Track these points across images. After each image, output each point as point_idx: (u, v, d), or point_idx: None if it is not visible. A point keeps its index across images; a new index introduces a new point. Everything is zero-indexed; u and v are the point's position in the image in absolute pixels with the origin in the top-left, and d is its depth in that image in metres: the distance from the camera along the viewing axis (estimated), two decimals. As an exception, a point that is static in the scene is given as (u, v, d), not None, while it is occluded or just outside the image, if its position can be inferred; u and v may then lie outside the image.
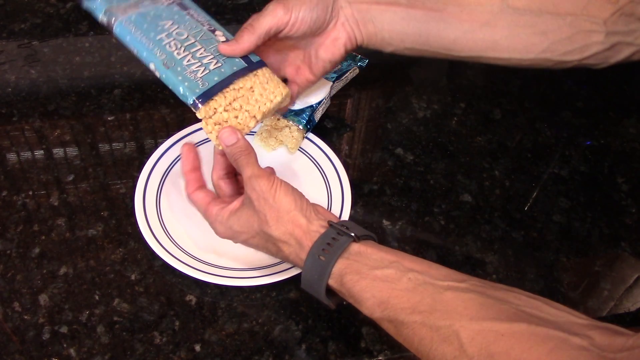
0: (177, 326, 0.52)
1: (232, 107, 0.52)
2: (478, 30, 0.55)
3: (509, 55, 0.56)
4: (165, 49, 0.51)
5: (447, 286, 0.42)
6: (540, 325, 0.37)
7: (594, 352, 0.35)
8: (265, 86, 0.53)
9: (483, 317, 0.39)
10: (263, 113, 0.53)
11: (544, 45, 0.54)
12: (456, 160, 0.69)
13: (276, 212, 0.48)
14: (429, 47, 0.57)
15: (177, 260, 0.54)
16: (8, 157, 0.65)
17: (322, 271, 0.45)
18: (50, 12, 0.82)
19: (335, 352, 0.52)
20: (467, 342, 0.38)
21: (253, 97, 0.53)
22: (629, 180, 0.68)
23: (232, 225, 0.51)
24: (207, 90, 0.50)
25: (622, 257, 0.61)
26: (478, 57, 0.57)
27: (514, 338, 0.37)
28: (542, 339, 0.36)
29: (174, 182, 0.62)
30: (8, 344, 0.50)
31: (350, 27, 0.56)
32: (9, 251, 0.57)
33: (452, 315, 0.40)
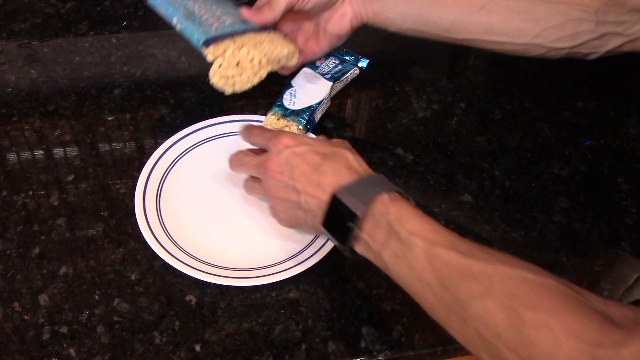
0: (177, 326, 0.52)
1: (240, 52, 0.56)
2: (475, 14, 0.59)
3: (503, 39, 0.59)
4: (188, 7, 0.58)
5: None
6: (567, 287, 0.39)
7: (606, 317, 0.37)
8: (274, 41, 0.58)
9: (517, 266, 0.40)
10: (269, 59, 0.57)
11: (536, 30, 0.58)
12: (456, 160, 0.69)
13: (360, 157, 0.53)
14: (429, 28, 0.60)
15: (177, 260, 0.54)
16: (8, 157, 0.65)
17: (386, 183, 0.48)
18: (50, 12, 0.82)
19: (335, 352, 0.52)
20: (496, 282, 0.39)
21: (261, 46, 0.57)
22: (629, 180, 0.68)
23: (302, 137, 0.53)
24: (218, 35, 0.56)
25: (622, 257, 0.61)
26: (474, 39, 0.60)
27: (540, 287, 0.39)
28: (564, 294, 0.38)
29: (174, 182, 0.62)
30: (8, 344, 0.50)
31: (357, 5, 0.61)
32: (9, 251, 0.57)
33: (487, 258, 0.41)
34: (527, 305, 0.37)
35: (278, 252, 0.57)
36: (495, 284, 0.39)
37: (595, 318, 0.37)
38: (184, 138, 0.65)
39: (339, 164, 0.50)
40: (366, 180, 0.48)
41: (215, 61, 0.55)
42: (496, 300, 0.38)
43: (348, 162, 0.51)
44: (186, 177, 0.63)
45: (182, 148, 0.64)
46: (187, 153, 0.64)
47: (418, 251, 0.43)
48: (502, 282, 0.39)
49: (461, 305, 0.40)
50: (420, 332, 0.53)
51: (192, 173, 0.63)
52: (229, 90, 0.57)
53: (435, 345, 0.53)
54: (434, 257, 0.42)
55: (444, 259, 0.42)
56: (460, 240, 0.43)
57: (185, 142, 0.65)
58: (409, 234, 0.44)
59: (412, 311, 0.54)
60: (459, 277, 0.41)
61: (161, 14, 0.60)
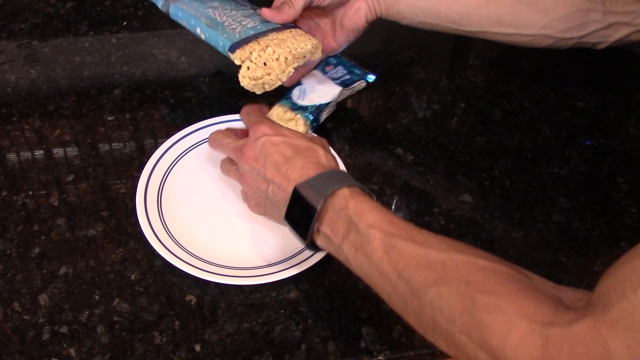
0: (177, 326, 0.52)
1: (266, 53, 0.58)
2: (484, 6, 0.61)
3: (512, 31, 0.61)
4: (210, 16, 0.61)
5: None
6: (520, 273, 0.40)
7: (558, 301, 0.38)
8: (297, 38, 0.60)
9: (471, 253, 0.42)
10: (294, 55, 0.58)
11: (544, 21, 0.59)
12: (456, 160, 0.69)
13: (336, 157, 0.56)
14: (440, 21, 0.63)
15: (178, 259, 0.54)
16: (8, 157, 0.65)
17: (347, 178, 0.49)
18: (50, 12, 0.82)
19: (335, 352, 0.52)
20: (450, 270, 0.40)
21: (285, 44, 0.59)
22: (629, 180, 0.68)
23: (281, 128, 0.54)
24: (243, 39, 0.58)
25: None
26: (484, 31, 0.63)
27: (493, 273, 0.39)
28: (517, 280, 0.39)
29: (175, 182, 0.62)
30: (8, 344, 0.50)
31: (371, 1, 0.63)
32: (9, 251, 0.57)
33: (442, 247, 0.42)
34: (480, 291, 0.38)
35: (278, 252, 0.57)
36: (449, 271, 0.40)
37: (546, 300, 0.37)
38: (184, 138, 0.65)
39: (309, 159, 0.51)
40: (328, 175, 0.49)
41: (242, 64, 0.57)
42: (450, 286, 0.39)
43: (318, 157, 0.51)
44: (186, 176, 0.63)
45: (182, 148, 0.64)
46: (188, 153, 0.64)
47: (376, 243, 0.43)
48: (456, 270, 0.40)
49: (417, 294, 0.41)
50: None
51: (192, 173, 0.63)
52: (259, 91, 0.59)
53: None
54: (391, 248, 0.43)
55: (400, 249, 0.42)
56: (417, 231, 0.44)
57: (185, 142, 0.65)
58: (367, 226, 0.44)
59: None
60: (415, 266, 0.41)
61: (184, 26, 0.63)
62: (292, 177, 0.50)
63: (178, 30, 0.81)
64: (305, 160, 0.51)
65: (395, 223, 0.45)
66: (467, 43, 0.85)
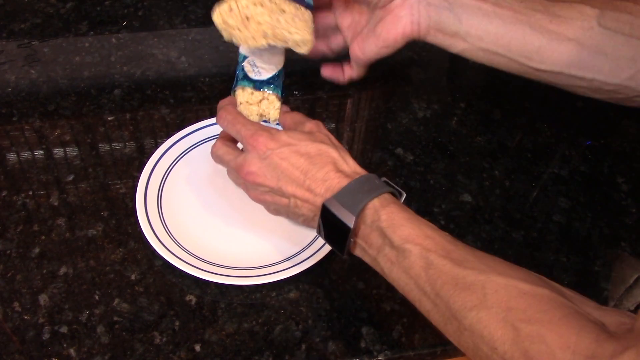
0: (177, 326, 0.52)
1: (256, 10, 0.51)
2: (565, 42, 0.51)
3: (593, 76, 0.52)
4: None
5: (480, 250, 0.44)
6: (560, 295, 0.39)
7: (601, 327, 0.37)
8: (295, 20, 0.52)
9: (510, 275, 0.40)
10: (275, 34, 0.52)
11: (631, 71, 0.50)
12: (456, 160, 0.69)
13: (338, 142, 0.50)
14: (508, 51, 0.53)
15: (179, 259, 0.54)
16: (8, 157, 0.65)
17: (374, 187, 0.46)
18: (50, 12, 0.82)
19: (335, 352, 0.52)
20: (490, 293, 0.39)
21: (278, 16, 0.51)
22: (629, 180, 0.68)
23: (280, 135, 0.49)
24: None
25: (622, 257, 0.61)
26: (559, 72, 0.52)
27: (534, 298, 0.38)
28: (559, 305, 0.38)
29: (175, 182, 0.62)
30: (8, 344, 0.50)
31: (417, 10, 0.53)
32: (9, 251, 0.57)
33: (481, 267, 0.40)
34: (522, 319, 0.37)
35: (278, 252, 0.57)
36: (489, 295, 0.39)
37: (590, 329, 0.36)
38: (184, 138, 0.65)
39: (327, 167, 0.48)
40: (355, 187, 0.46)
41: (227, 1, 0.51)
42: (490, 312, 0.38)
43: (335, 163, 0.49)
44: (186, 176, 0.63)
45: (182, 148, 0.64)
46: (188, 153, 0.64)
47: (412, 258, 0.42)
48: (495, 294, 0.39)
49: (456, 316, 0.40)
50: (420, 332, 0.53)
51: (192, 173, 0.63)
52: (226, 37, 0.52)
53: (435, 345, 0.53)
54: (428, 265, 0.42)
55: (437, 267, 0.41)
56: (453, 246, 0.43)
57: (185, 142, 0.65)
58: (402, 240, 0.43)
59: (412, 311, 0.54)
60: (453, 286, 0.40)
61: None
62: (317, 191, 0.48)
63: (178, 30, 0.81)
64: (325, 170, 0.48)
65: (431, 237, 0.43)
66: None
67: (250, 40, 0.51)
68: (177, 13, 0.83)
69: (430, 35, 0.54)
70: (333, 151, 0.49)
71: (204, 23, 0.82)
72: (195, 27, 0.82)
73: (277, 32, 0.51)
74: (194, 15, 0.83)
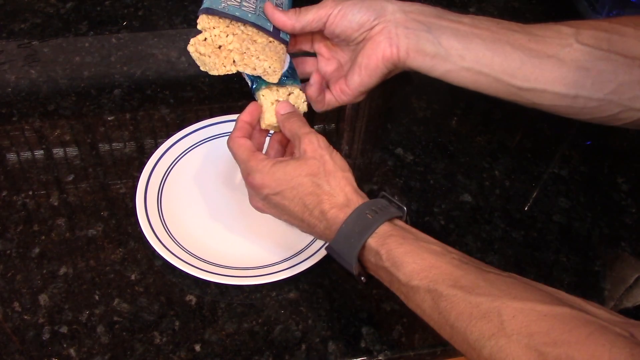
0: (177, 326, 0.52)
1: (226, 38, 0.53)
2: (545, 59, 0.51)
3: (576, 92, 0.51)
4: None
5: (490, 270, 0.42)
6: (581, 311, 0.37)
7: (632, 340, 0.35)
8: (266, 49, 0.53)
9: (526, 298, 0.38)
10: (244, 62, 0.53)
11: (613, 85, 0.50)
12: (456, 160, 0.69)
13: (332, 167, 0.48)
14: (492, 70, 0.52)
15: (179, 259, 0.54)
16: (8, 157, 0.65)
17: (366, 226, 0.44)
18: (50, 12, 0.82)
19: (335, 352, 0.52)
20: (507, 320, 0.37)
21: (250, 46, 0.53)
22: (629, 180, 0.68)
23: (275, 171, 0.48)
24: (219, 10, 0.53)
25: (622, 257, 0.61)
26: (543, 90, 0.51)
27: (556, 319, 0.37)
28: (582, 322, 0.36)
29: (175, 182, 0.62)
30: (8, 344, 0.50)
31: (395, 34, 0.52)
32: (9, 251, 0.57)
33: (494, 293, 0.39)
34: (547, 343, 0.36)
35: (278, 252, 0.57)
36: (507, 322, 0.37)
37: (621, 344, 0.34)
38: (184, 138, 0.65)
39: (320, 205, 0.47)
40: (347, 229, 0.45)
41: (202, 32, 0.53)
42: (511, 339, 0.37)
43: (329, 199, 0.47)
44: (187, 177, 0.63)
45: (182, 148, 0.64)
46: (188, 153, 0.64)
47: (421, 294, 0.41)
48: (513, 320, 0.37)
49: (474, 346, 0.39)
50: (420, 332, 0.53)
51: (192, 173, 0.63)
52: (200, 65, 0.54)
53: (435, 345, 0.53)
54: (438, 297, 0.40)
55: (448, 298, 0.40)
56: (462, 272, 0.41)
57: (185, 142, 0.65)
58: (407, 277, 0.42)
59: (412, 311, 0.54)
60: (467, 317, 0.39)
61: None
62: (318, 229, 0.48)
63: (178, 30, 0.81)
64: (319, 209, 0.47)
65: (436, 266, 0.42)
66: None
67: (220, 67, 0.53)
68: (177, 13, 0.83)
69: (410, 59, 0.53)
70: (324, 183, 0.48)
71: (204, 23, 0.82)
72: (195, 27, 0.82)
73: (246, 59, 0.53)
74: (194, 15, 0.83)
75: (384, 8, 0.53)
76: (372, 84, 0.56)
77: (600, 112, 0.52)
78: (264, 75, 0.54)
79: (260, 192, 0.50)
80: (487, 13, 0.88)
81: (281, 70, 0.54)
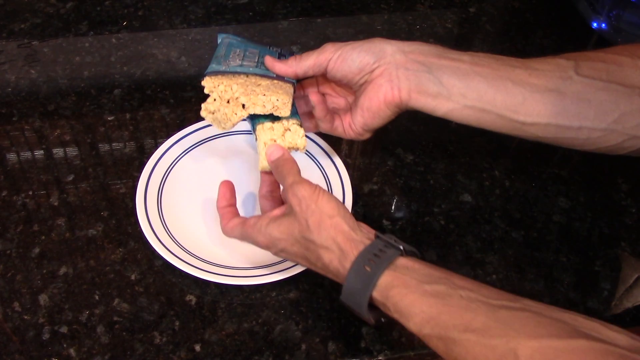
0: (177, 326, 0.52)
1: (232, 91, 0.54)
2: (546, 92, 0.51)
3: (580, 123, 0.50)
4: (229, 54, 0.57)
5: (501, 305, 0.40)
6: (598, 341, 0.36)
7: None
8: (271, 87, 0.54)
9: (541, 334, 0.37)
10: (251, 101, 0.53)
11: (615, 114, 0.50)
12: (456, 160, 0.69)
13: (318, 217, 0.46)
14: (494, 107, 0.52)
15: (179, 259, 0.54)
16: (8, 157, 0.65)
17: (367, 281, 0.43)
18: (50, 12, 0.82)
19: (335, 352, 0.52)
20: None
21: (255, 88, 0.54)
22: (629, 180, 0.68)
23: (271, 231, 0.49)
24: (221, 70, 0.54)
25: (622, 257, 0.61)
26: (547, 123, 0.51)
27: (574, 354, 0.36)
28: (602, 354, 0.35)
29: (175, 182, 0.62)
30: (8, 344, 0.50)
31: (396, 76, 0.52)
32: (9, 251, 0.57)
33: (508, 333, 0.38)
34: None
35: (278, 252, 0.57)
36: None
37: None
38: (184, 138, 0.65)
39: (320, 260, 0.47)
40: (351, 287, 0.44)
41: (210, 94, 0.54)
42: None
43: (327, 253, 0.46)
44: (186, 176, 0.63)
45: (182, 148, 0.64)
46: (188, 153, 0.64)
47: (434, 341, 0.41)
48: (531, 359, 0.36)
49: None
50: (420, 332, 0.53)
51: (192, 173, 0.63)
52: (217, 126, 0.55)
53: (435, 345, 0.53)
54: (452, 344, 0.40)
55: (462, 344, 0.39)
56: (472, 313, 0.40)
57: (185, 142, 0.65)
58: (418, 327, 0.41)
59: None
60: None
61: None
62: (331, 277, 0.48)
63: (178, 30, 0.81)
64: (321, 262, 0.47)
65: (445, 312, 0.40)
66: (467, 42, 0.85)
67: (232, 116, 0.53)
68: (177, 13, 0.83)
69: (412, 100, 0.53)
70: (315, 237, 0.47)
71: (204, 23, 0.82)
72: (195, 27, 0.82)
73: (253, 98, 0.53)
74: (194, 15, 0.83)
75: (383, 50, 0.53)
76: (375, 124, 0.56)
77: (604, 141, 0.51)
78: (275, 110, 0.53)
79: (270, 250, 0.51)
80: (487, 13, 0.88)
81: (290, 102, 0.54)
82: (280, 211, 0.50)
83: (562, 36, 0.85)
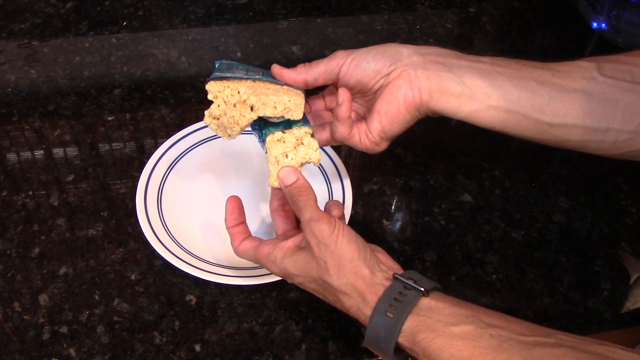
0: (177, 326, 0.52)
1: (239, 94, 0.49)
2: (572, 93, 0.48)
3: (607, 125, 0.48)
4: (232, 69, 0.53)
5: (535, 342, 0.38)
6: None
7: None
8: (281, 90, 0.51)
9: None
10: (261, 102, 0.49)
11: None
12: (456, 160, 0.69)
13: (337, 260, 0.44)
14: (520, 107, 0.49)
15: (179, 259, 0.54)
16: (8, 157, 0.65)
17: (391, 329, 0.42)
18: (50, 12, 0.82)
19: (335, 352, 0.52)
20: None
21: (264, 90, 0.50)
22: (629, 180, 0.68)
23: (286, 266, 0.47)
24: (227, 76, 0.50)
25: (622, 257, 0.61)
26: (574, 125, 0.49)
27: None
28: None
29: (175, 182, 0.62)
30: (8, 344, 0.50)
31: (415, 77, 0.49)
32: (9, 251, 0.57)
33: None
34: None
35: (278, 252, 0.57)
36: None
37: None
38: (184, 138, 0.65)
39: (339, 302, 0.45)
40: (374, 334, 0.43)
41: (215, 100, 0.50)
42: None
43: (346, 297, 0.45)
44: (186, 176, 0.63)
45: (182, 148, 0.64)
46: (188, 153, 0.64)
47: None
48: None
49: None
50: (420, 332, 0.53)
51: (192, 173, 0.63)
52: (222, 134, 0.51)
53: (435, 345, 0.53)
54: None
55: None
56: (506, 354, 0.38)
57: (185, 142, 0.65)
58: None
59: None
60: None
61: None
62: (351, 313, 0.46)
63: (178, 30, 0.81)
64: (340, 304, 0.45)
65: (476, 355, 0.39)
66: (467, 42, 0.85)
67: (240, 119, 0.49)
68: (177, 13, 0.83)
69: (433, 100, 0.49)
70: (334, 281, 0.45)
71: (204, 23, 0.82)
72: (195, 27, 0.82)
73: (263, 99, 0.49)
74: (194, 15, 0.83)
75: (399, 52, 0.50)
76: (394, 131, 0.52)
77: (631, 145, 0.49)
78: (287, 112, 0.50)
79: (286, 279, 0.49)
80: (487, 13, 0.88)
81: (303, 104, 0.50)
82: (295, 243, 0.47)
83: (562, 36, 0.85)
